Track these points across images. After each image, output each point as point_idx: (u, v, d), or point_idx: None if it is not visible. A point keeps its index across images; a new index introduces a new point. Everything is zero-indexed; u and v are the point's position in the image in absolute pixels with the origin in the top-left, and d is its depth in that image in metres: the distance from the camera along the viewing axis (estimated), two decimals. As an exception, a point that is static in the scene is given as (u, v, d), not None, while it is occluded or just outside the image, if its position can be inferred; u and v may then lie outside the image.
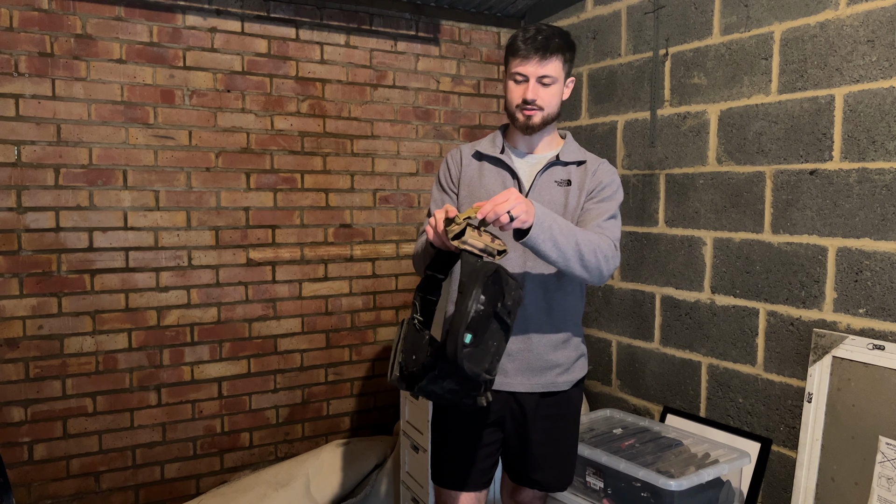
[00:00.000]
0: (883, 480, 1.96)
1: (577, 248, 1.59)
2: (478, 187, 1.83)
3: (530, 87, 1.72)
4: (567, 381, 1.85)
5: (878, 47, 2.02)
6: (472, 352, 1.44)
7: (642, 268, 2.80)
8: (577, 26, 3.09)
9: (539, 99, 1.73)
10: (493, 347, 1.49)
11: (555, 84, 1.74)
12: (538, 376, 1.82)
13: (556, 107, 1.78)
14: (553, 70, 1.72)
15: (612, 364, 2.98)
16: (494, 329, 1.49)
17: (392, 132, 3.17)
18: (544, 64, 1.71)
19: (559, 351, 1.83)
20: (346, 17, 3.00)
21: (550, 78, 1.72)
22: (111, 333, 2.64)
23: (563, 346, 1.84)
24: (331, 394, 3.12)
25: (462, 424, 1.84)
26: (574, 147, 1.87)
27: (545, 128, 1.79)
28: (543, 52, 1.70)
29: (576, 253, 1.59)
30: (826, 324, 2.18)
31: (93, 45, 2.55)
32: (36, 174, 2.49)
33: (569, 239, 1.58)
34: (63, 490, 2.60)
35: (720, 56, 2.47)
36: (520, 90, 1.74)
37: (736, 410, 2.46)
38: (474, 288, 1.44)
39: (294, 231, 2.97)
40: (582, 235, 1.62)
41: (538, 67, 1.71)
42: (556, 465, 1.90)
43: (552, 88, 1.74)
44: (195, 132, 2.75)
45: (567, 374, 1.85)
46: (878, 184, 2.04)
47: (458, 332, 1.41)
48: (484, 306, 1.45)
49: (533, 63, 1.70)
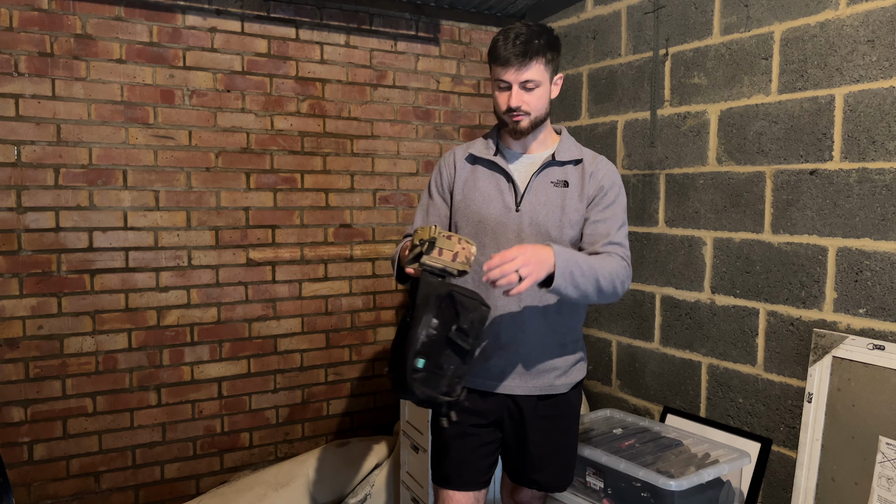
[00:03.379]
0: (883, 480, 1.96)
1: (596, 286, 1.63)
2: (472, 190, 1.82)
3: (514, 94, 1.70)
4: (565, 383, 1.85)
5: (879, 47, 2.02)
6: (424, 377, 1.44)
7: (642, 268, 2.80)
8: (577, 26, 3.09)
9: (524, 104, 1.71)
10: (449, 371, 1.48)
11: (539, 87, 1.72)
12: (536, 379, 1.82)
13: (544, 108, 1.76)
14: (535, 74, 1.69)
15: (612, 364, 2.98)
16: (448, 353, 1.48)
17: (392, 132, 3.17)
18: (524, 70, 1.68)
19: (557, 355, 1.83)
20: (346, 17, 3.00)
21: (533, 82, 1.70)
22: (111, 333, 2.64)
23: (560, 349, 1.83)
24: (331, 394, 3.12)
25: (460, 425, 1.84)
26: (570, 144, 1.85)
27: (536, 129, 1.79)
28: (523, 58, 1.67)
29: (595, 290, 1.63)
30: (826, 324, 2.18)
31: (93, 45, 2.55)
32: (36, 174, 2.49)
33: (589, 279, 1.61)
34: (63, 490, 2.60)
35: (720, 56, 2.47)
36: (504, 97, 1.73)
37: (736, 410, 2.46)
38: (425, 314, 1.43)
39: (294, 231, 2.97)
40: (601, 269, 1.64)
41: (519, 74, 1.68)
42: (555, 466, 1.90)
43: (536, 92, 1.72)
44: (195, 132, 2.75)
45: (565, 376, 1.85)
46: (878, 184, 2.04)
47: (407, 359, 1.41)
48: (436, 331, 1.44)
49: (513, 70, 1.68)
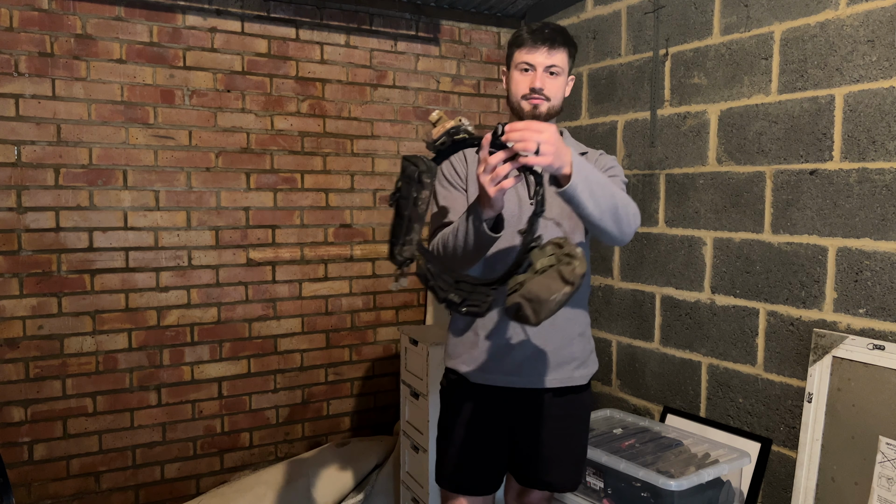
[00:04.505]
0: (883, 480, 1.96)
1: (612, 201, 1.50)
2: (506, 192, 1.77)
3: (538, 76, 1.71)
4: (583, 375, 1.83)
5: (878, 47, 2.02)
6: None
7: (642, 268, 2.80)
8: (577, 26, 3.09)
9: (546, 88, 1.72)
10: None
11: (560, 76, 1.74)
12: (556, 371, 1.78)
13: (561, 100, 1.77)
14: (560, 61, 1.72)
15: (612, 364, 2.98)
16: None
17: (392, 132, 3.17)
18: (553, 54, 1.70)
19: (576, 343, 1.81)
20: (346, 17, 3.00)
21: (558, 68, 1.72)
22: (111, 333, 2.64)
23: (579, 338, 1.82)
24: (331, 394, 3.12)
25: (471, 427, 1.82)
26: (573, 141, 1.88)
27: (548, 121, 1.76)
28: (552, 43, 1.70)
29: (611, 206, 1.50)
30: (826, 324, 2.18)
31: (93, 45, 2.55)
32: (36, 174, 2.49)
33: (605, 191, 1.49)
34: (63, 490, 2.60)
35: (720, 56, 2.47)
36: (526, 79, 1.72)
37: (736, 410, 2.46)
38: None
39: (294, 231, 2.97)
40: (616, 190, 1.55)
41: (547, 57, 1.70)
42: (569, 466, 1.87)
43: (558, 80, 1.73)
44: (195, 132, 2.75)
45: (583, 367, 1.83)
46: (878, 184, 2.04)
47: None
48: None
49: (542, 53, 1.70)
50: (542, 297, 1.32)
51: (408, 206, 1.42)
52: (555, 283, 1.32)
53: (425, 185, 1.40)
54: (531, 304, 1.33)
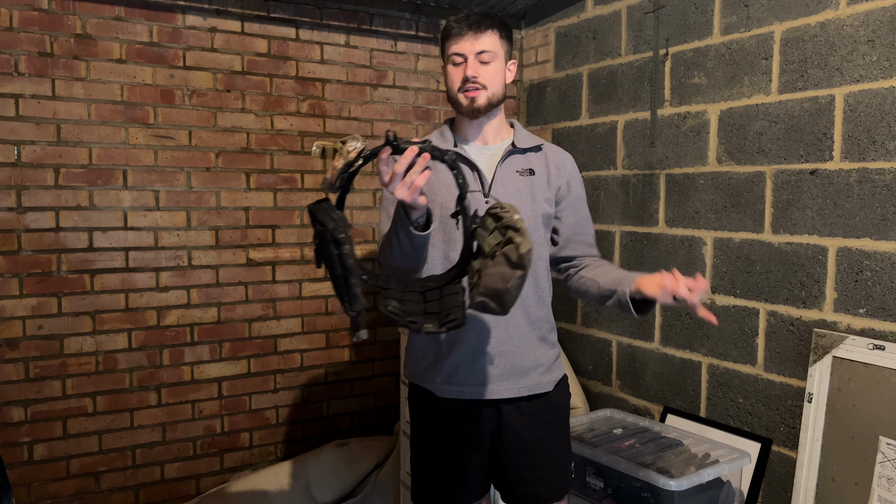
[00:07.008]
0: (883, 480, 1.96)
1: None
2: (437, 183, 1.72)
3: (469, 65, 1.67)
4: (550, 380, 1.80)
5: (879, 47, 2.02)
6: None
7: (642, 268, 2.80)
8: (577, 26, 3.09)
9: (480, 76, 1.67)
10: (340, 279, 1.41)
11: (495, 60, 1.69)
12: (522, 378, 1.75)
13: (500, 86, 1.72)
14: (490, 44, 1.67)
15: (612, 364, 2.98)
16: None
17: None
18: (479, 37, 1.66)
19: (539, 350, 1.78)
20: (346, 16, 3.00)
21: (489, 53, 1.67)
22: (111, 333, 2.64)
23: (542, 343, 1.79)
24: (331, 394, 3.12)
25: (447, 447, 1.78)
26: (525, 133, 1.83)
27: (491, 111, 1.73)
28: (478, 27, 1.66)
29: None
30: (826, 324, 2.18)
31: (93, 45, 2.55)
32: (36, 174, 2.49)
33: None
34: (63, 490, 2.60)
35: (720, 56, 2.47)
36: (459, 71, 1.69)
37: (736, 410, 2.46)
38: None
39: (294, 231, 2.97)
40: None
41: (474, 43, 1.66)
42: (553, 476, 1.82)
43: (492, 66, 1.69)
44: (195, 132, 2.75)
45: (549, 373, 1.80)
46: (878, 184, 2.04)
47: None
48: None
49: (468, 40, 1.66)
50: (499, 288, 1.30)
51: (335, 266, 1.40)
52: (506, 270, 1.30)
53: (343, 241, 1.38)
54: (492, 298, 1.31)
